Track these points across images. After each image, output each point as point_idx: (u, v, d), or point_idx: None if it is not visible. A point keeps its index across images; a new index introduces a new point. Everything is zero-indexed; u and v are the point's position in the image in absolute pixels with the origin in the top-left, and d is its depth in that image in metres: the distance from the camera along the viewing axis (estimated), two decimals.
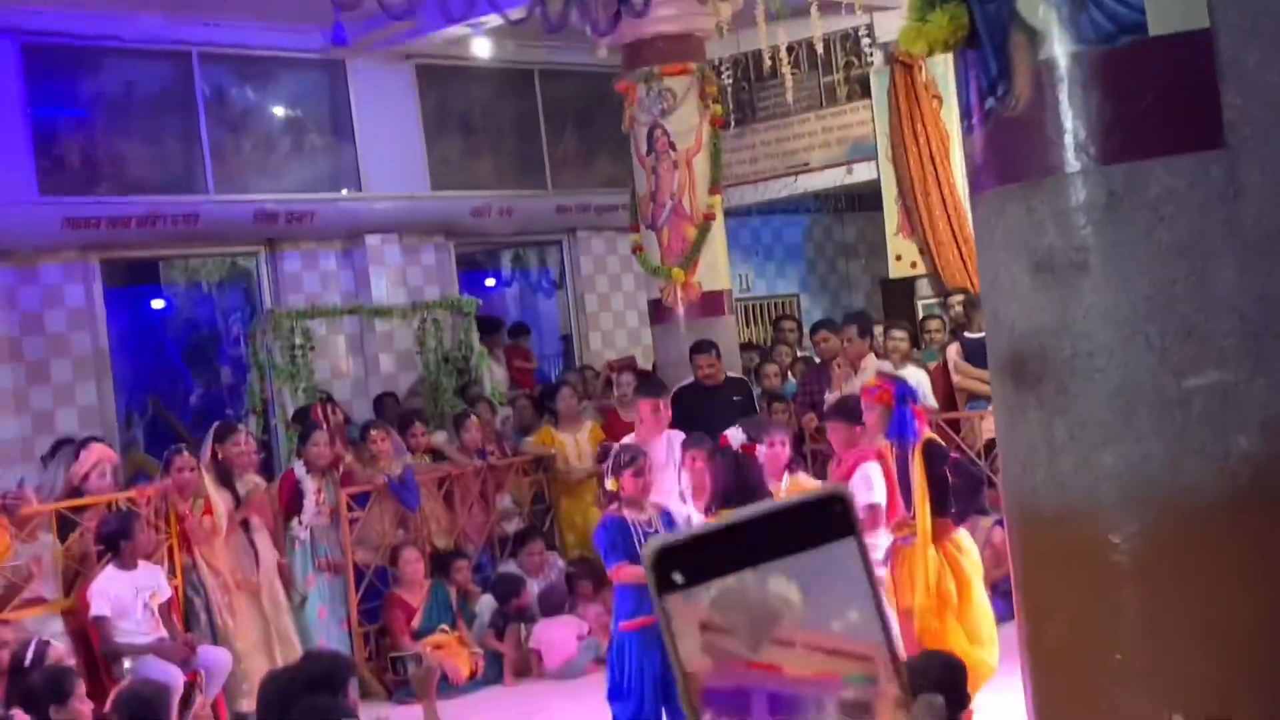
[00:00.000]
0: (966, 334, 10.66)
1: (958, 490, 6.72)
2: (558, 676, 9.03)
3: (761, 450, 7.30)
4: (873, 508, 6.69)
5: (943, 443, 7.03)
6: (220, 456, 8.63)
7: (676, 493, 7.74)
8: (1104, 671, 3.40)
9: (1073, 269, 3.40)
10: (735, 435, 6.73)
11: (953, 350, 10.70)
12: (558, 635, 9.18)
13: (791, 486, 7.10)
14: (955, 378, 10.53)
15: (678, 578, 1.00)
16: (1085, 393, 3.40)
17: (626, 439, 8.29)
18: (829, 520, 1.01)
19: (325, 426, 9.46)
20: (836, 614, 1.01)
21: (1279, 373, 3.26)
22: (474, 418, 10.33)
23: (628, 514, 6.55)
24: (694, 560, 1.00)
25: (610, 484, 6.70)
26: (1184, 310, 3.29)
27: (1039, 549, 3.57)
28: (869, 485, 6.70)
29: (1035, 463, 3.52)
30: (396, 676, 8.65)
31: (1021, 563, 3.68)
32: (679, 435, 8.32)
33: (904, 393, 6.62)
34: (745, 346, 12.77)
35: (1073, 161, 3.39)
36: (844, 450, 6.96)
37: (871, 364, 9.80)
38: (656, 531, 6.52)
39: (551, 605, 9.38)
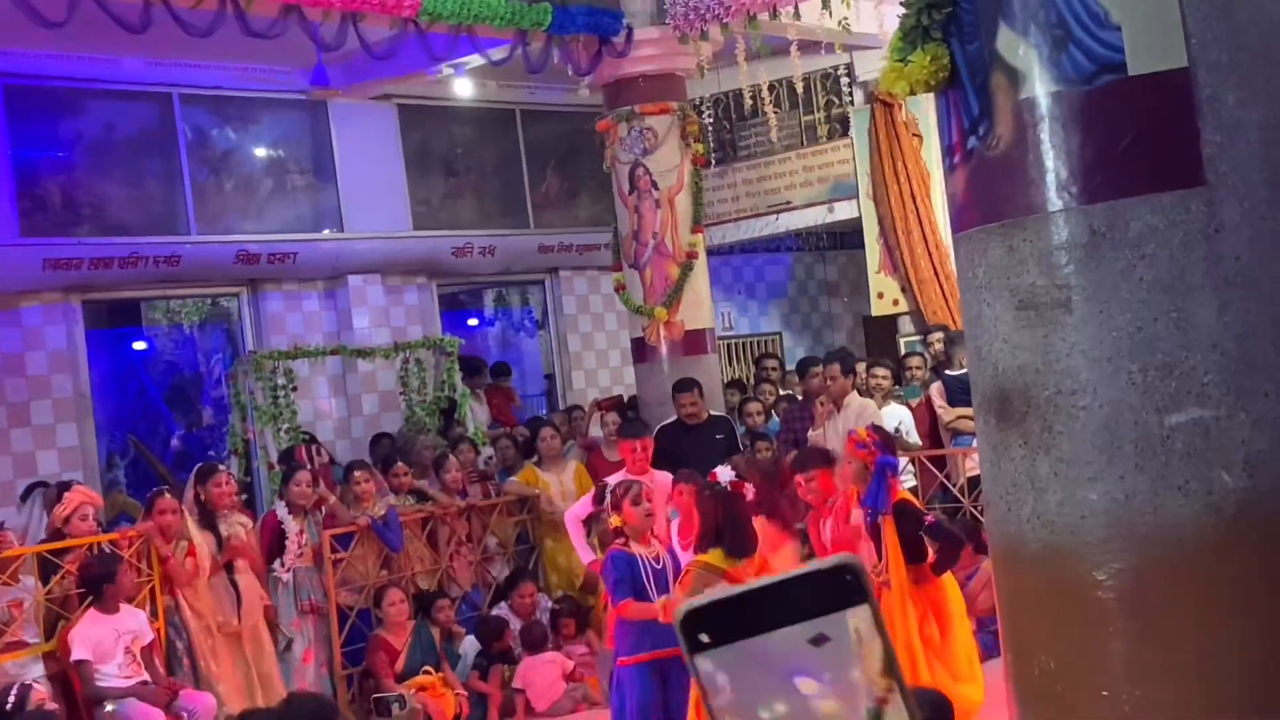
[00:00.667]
0: (948, 372, 10.70)
1: (938, 551, 6.70)
2: (543, 717, 9.02)
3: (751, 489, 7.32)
4: None
5: (916, 503, 7.02)
6: (203, 498, 8.59)
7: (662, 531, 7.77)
8: (1090, 709, 3.41)
9: (1055, 307, 3.43)
10: (724, 473, 6.73)
11: (935, 391, 10.73)
12: (542, 674, 9.15)
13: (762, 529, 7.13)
14: (941, 415, 10.55)
15: (704, 638, 1.07)
16: (1069, 430, 3.41)
17: (611, 478, 8.29)
18: (841, 587, 1.07)
19: (309, 467, 9.44)
20: (852, 674, 1.06)
21: (1261, 408, 3.28)
22: (453, 458, 10.31)
23: (635, 549, 6.55)
24: (718, 622, 1.07)
25: (614, 520, 6.68)
26: (1166, 347, 3.31)
27: (1024, 586, 3.58)
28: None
29: (1020, 500, 3.54)
30: (381, 718, 8.61)
31: (1007, 600, 3.69)
32: (664, 475, 8.31)
33: (885, 464, 6.61)
34: (730, 385, 12.80)
35: (1055, 200, 3.42)
36: (823, 498, 6.92)
37: (855, 402, 9.81)
38: (664, 568, 6.52)
39: (533, 642, 9.35)
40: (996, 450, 3.60)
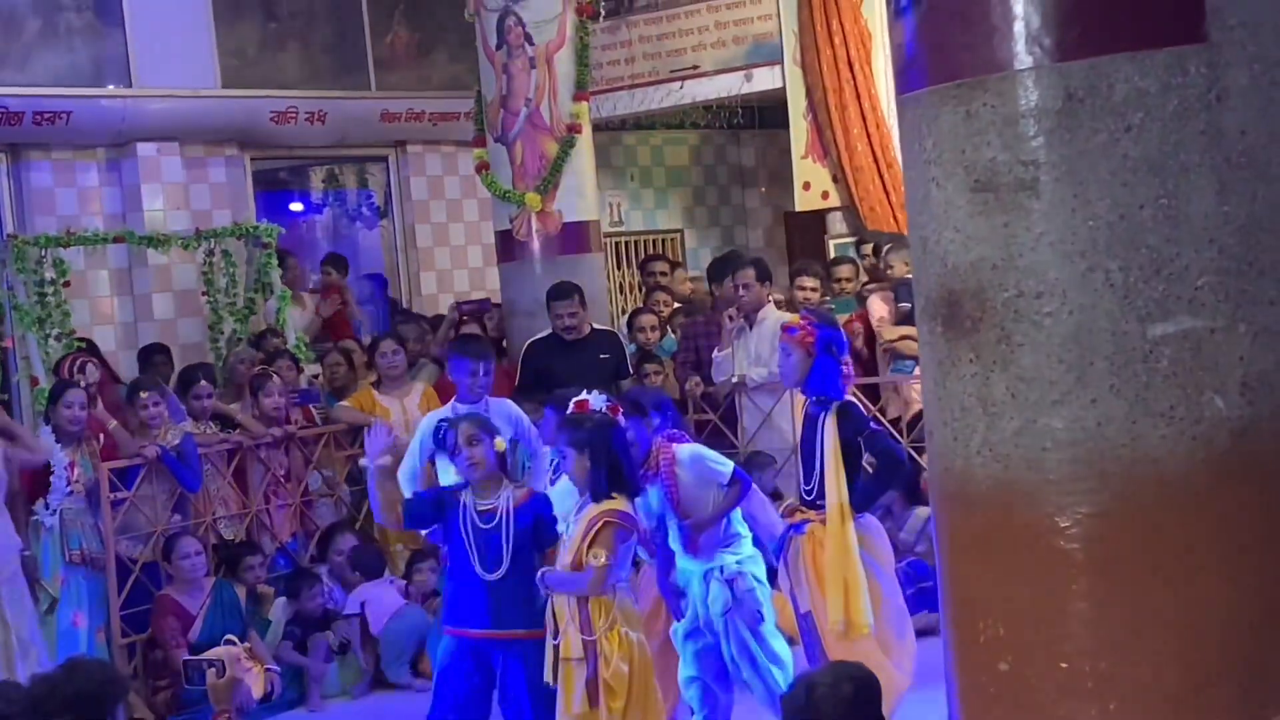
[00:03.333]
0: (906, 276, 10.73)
1: (874, 469, 6.79)
2: (384, 642, 9.26)
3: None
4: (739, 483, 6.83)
5: (861, 406, 7.10)
6: None
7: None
8: (1046, 683, 3.45)
9: (1019, 189, 3.43)
10: (596, 399, 6.74)
11: (878, 301, 10.71)
12: (383, 593, 9.37)
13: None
14: (879, 331, 10.55)
15: None
16: (1031, 341, 3.43)
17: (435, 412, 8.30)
18: None
19: (81, 383, 9.29)
20: None
21: (1265, 318, 3.32)
22: (276, 379, 10.19)
23: (465, 495, 6.56)
24: None
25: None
26: (1153, 241, 3.33)
27: (970, 533, 3.61)
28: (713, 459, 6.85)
29: (969, 428, 3.56)
30: (189, 685, 8.45)
31: (949, 551, 3.72)
32: (504, 404, 8.29)
33: (830, 339, 6.69)
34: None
35: (1023, 56, 3.41)
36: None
37: (772, 317, 9.86)
38: (497, 527, 6.43)
39: (369, 567, 9.56)
40: (942, 366, 3.62)
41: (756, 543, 6.89)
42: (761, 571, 6.83)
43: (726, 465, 6.79)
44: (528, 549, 6.46)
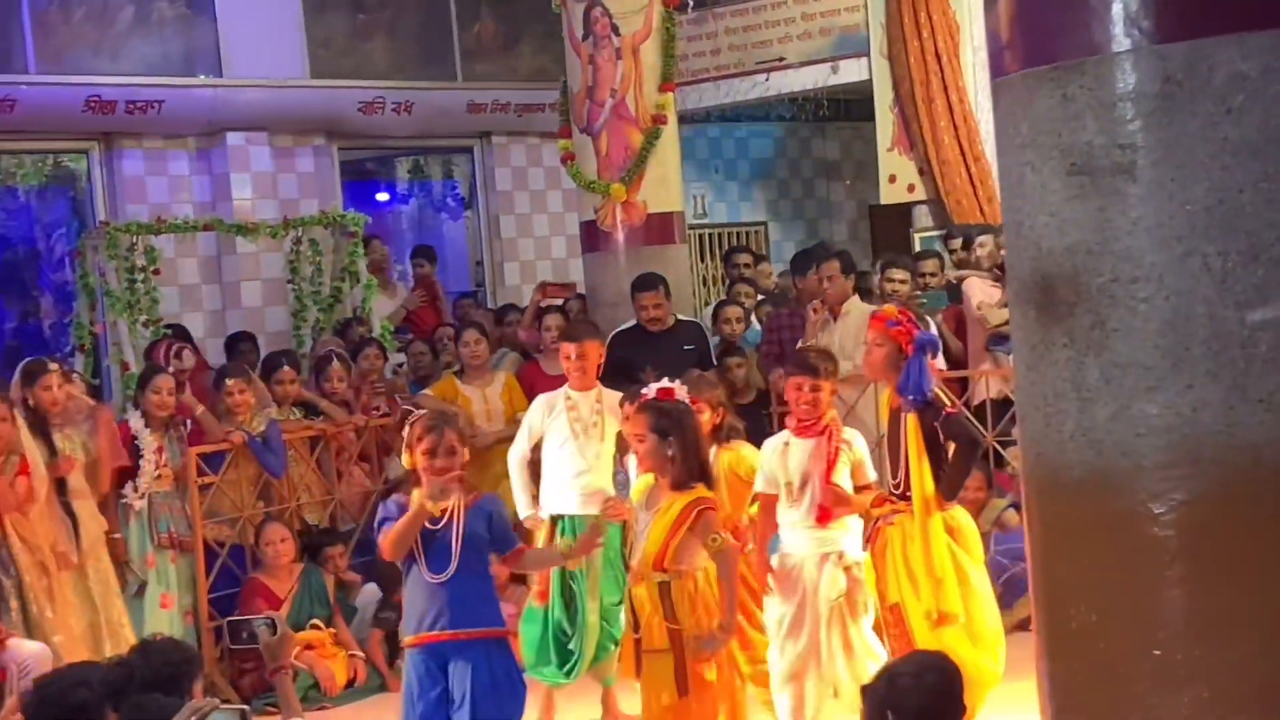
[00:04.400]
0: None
1: (952, 458, 6.74)
2: None
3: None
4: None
5: (944, 399, 7.06)
6: (31, 403, 8.46)
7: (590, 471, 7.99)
8: (1138, 672, 3.42)
9: (1116, 173, 3.40)
10: (681, 391, 6.72)
11: (978, 285, 10.47)
12: None
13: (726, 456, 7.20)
14: (982, 315, 10.36)
15: None
16: (1127, 327, 3.40)
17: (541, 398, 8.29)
18: None
19: (170, 369, 9.38)
20: None
21: None
22: (336, 362, 10.18)
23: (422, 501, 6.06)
24: None
25: (405, 459, 6.23)
26: (1253, 226, 3.29)
27: (1063, 520, 3.58)
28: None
29: (1062, 413, 3.53)
30: (237, 645, 8.37)
31: (1041, 538, 3.69)
32: (613, 394, 8.23)
33: (925, 341, 6.70)
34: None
35: (1121, 38, 3.38)
36: (818, 415, 6.91)
37: (856, 309, 9.83)
38: (442, 529, 6.04)
39: None
40: (1035, 350, 3.59)
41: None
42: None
43: (872, 475, 6.90)
44: (479, 549, 6.11)
